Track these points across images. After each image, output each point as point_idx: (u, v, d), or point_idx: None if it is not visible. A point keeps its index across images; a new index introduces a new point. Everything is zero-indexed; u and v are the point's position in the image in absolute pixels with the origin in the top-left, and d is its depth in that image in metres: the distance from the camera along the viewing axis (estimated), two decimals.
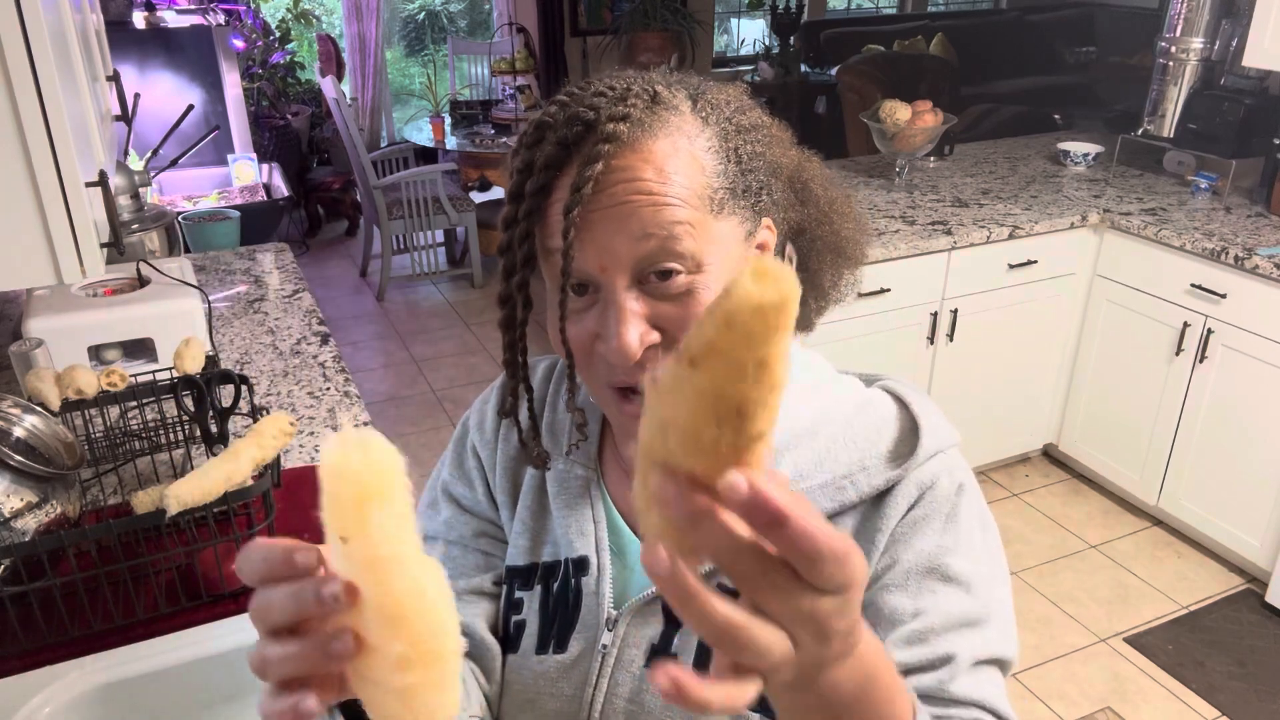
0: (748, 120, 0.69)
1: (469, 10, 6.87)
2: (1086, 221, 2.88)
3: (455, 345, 4.35)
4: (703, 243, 0.62)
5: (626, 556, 0.72)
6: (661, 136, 0.62)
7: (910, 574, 0.67)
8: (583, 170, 0.60)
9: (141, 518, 1.11)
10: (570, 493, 0.74)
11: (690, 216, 0.61)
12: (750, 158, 0.67)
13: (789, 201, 0.75)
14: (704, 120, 0.65)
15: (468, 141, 4.82)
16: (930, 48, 6.27)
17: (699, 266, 0.62)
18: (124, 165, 2.07)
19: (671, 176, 0.61)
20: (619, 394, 0.65)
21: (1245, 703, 2.34)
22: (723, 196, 0.64)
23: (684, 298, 0.62)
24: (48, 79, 0.94)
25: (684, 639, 0.67)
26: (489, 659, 0.76)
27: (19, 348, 1.46)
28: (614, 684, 0.67)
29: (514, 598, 0.74)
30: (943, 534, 0.68)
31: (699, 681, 0.37)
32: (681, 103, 0.66)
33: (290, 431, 1.24)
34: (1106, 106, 5.40)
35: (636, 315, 0.61)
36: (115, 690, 1.08)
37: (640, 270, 0.62)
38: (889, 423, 0.71)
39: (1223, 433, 2.68)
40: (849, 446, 0.69)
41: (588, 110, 0.62)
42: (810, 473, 0.69)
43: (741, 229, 0.66)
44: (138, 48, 3.90)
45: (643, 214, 0.60)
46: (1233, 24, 3.03)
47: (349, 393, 1.74)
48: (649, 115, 0.63)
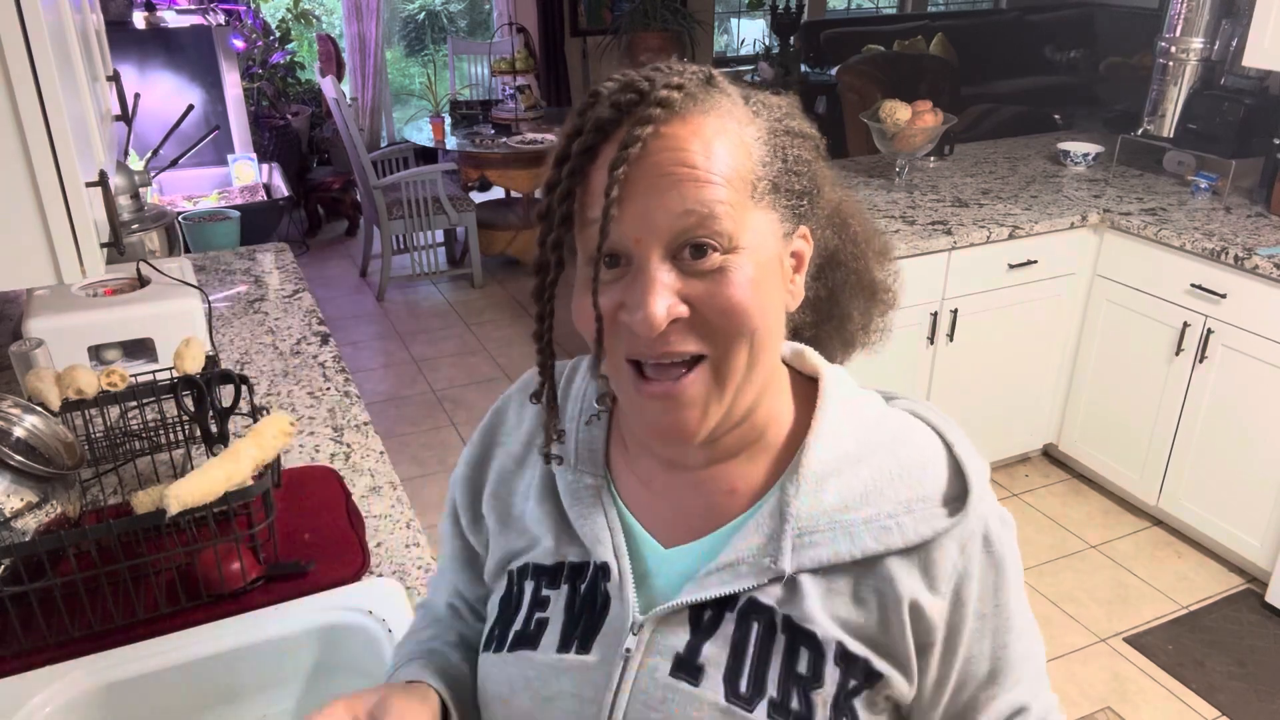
0: (797, 126, 0.69)
1: (469, 10, 6.87)
2: (1086, 221, 2.88)
3: (455, 345, 4.36)
4: (740, 225, 0.62)
5: (645, 562, 0.71)
6: (712, 114, 0.62)
7: (972, 642, 0.68)
8: (631, 131, 0.60)
9: (141, 518, 1.11)
10: (583, 502, 0.73)
11: (731, 198, 0.61)
12: (797, 160, 0.67)
13: (828, 224, 0.74)
14: (754, 113, 0.66)
15: (468, 141, 4.82)
16: (930, 48, 6.28)
17: (734, 247, 0.62)
18: (124, 165, 2.07)
19: (717, 154, 0.61)
20: (635, 369, 0.64)
21: (1245, 703, 2.34)
22: (765, 187, 0.64)
23: (715, 275, 0.61)
24: (48, 79, 0.94)
25: (712, 649, 0.66)
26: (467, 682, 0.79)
27: (19, 348, 1.46)
28: (636, 689, 0.66)
29: (540, 595, 0.73)
30: (998, 590, 0.68)
31: None
32: (735, 92, 0.66)
33: (290, 431, 1.24)
34: (1106, 106, 5.40)
35: (666, 287, 0.61)
36: (115, 690, 1.08)
37: (674, 245, 0.61)
38: (935, 460, 0.69)
39: (1223, 433, 2.68)
40: (897, 483, 0.67)
41: (643, 80, 0.62)
42: (855, 505, 0.66)
43: (780, 226, 0.66)
44: (138, 48, 3.90)
45: (684, 189, 0.60)
46: (1233, 24, 3.03)
47: (349, 393, 1.74)
48: (702, 91, 0.63)
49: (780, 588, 0.66)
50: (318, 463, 1.51)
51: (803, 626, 0.65)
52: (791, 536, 0.66)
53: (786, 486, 0.67)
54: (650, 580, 0.70)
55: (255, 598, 1.19)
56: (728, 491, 0.70)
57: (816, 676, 0.64)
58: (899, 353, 2.79)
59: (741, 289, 0.61)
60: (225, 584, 1.18)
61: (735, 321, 0.62)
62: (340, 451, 1.54)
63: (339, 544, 1.28)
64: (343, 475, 1.46)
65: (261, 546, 1.25)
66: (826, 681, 0.64)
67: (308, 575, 1.23)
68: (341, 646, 1.16)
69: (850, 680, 0.65)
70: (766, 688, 0.64)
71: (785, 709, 0.64)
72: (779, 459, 0.70)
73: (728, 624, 0.66)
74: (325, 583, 1.21)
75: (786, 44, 6.16)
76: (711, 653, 0.66)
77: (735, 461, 0.70)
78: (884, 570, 0.65)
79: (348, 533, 1.31)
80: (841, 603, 0.66)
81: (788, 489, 0.67)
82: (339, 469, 1.49)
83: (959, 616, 0.66)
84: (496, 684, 0.73)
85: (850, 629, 0.65)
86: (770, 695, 0.64)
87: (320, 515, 1.35)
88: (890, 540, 0.65)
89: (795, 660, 0.65)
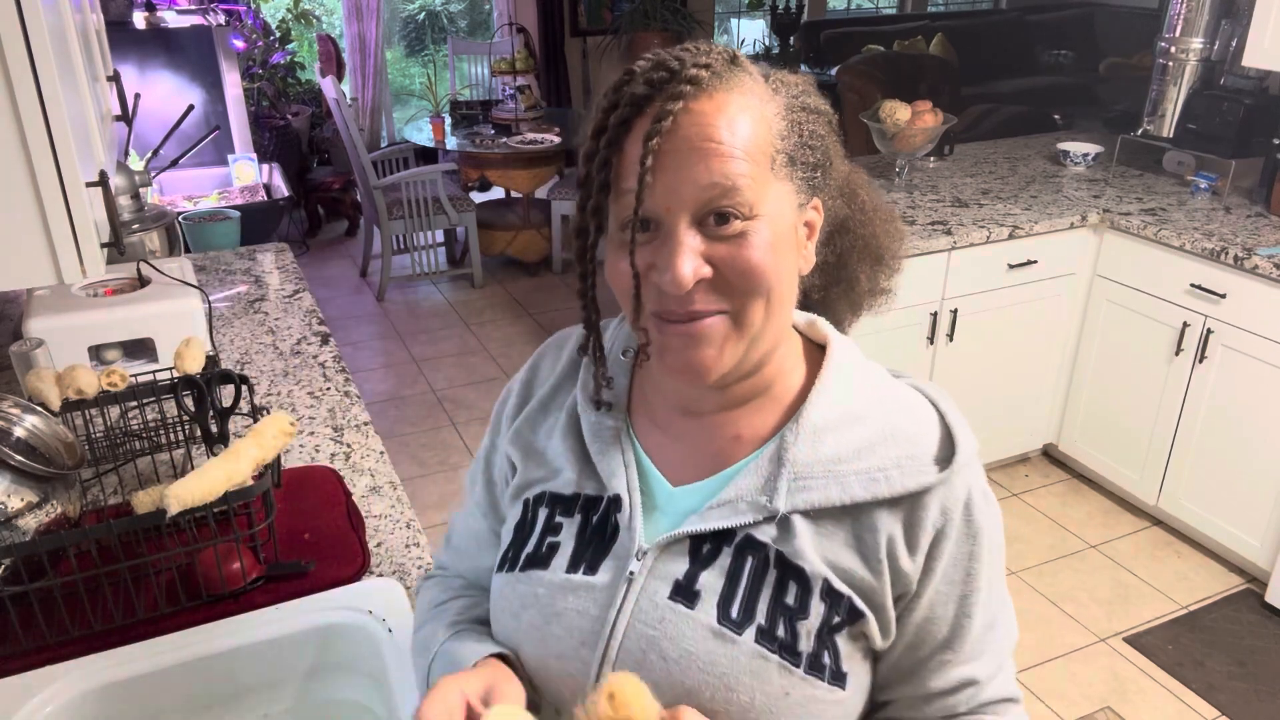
0: (813, 103, 0.74)
1: (469, 10, 6.88)
2: (1086, 221, 2.88)
3: (455, 345, 4.36)
4: (760, 195, 0.68)
5: (655, 497, 0.77)
6: (736, 91, 0.68)
7: (935, 603, 0.72)
8: (664, 105, 0.66)
9: (142, 518, 1.11)
10: (603, 440, 0.79)
11: (751, 170, 0.67)
12: (812, 135, 0.73)
13: (838, 194, 0.81)
14: (774, 90, 0.72)
15: (468, 141, 4.82)
16: (930, 48, 6.28)
17: (754, 215, 0.68)
18: (124, 165, 2.07)
19: (740, 130, 0.67)
20: (662, 322, 0.70)
21: (1245, 703, 2.34)
22: (783, 160, 0.70)
23: (736, 239, 0.68)
24: (48, 79, 0.94)
25: (708, 578, 0.71)
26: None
27: (19, 348, 1.46)
28: (638, 609, 0.72)
29: (553, 521, 0.79)
30: (971, 559, 0.73)
31: None
32: (756, 71, 0.72)
33: (291, 431, 1.24)
34: (1106, 106, 5.40)
35: (692, 250, 0.67)
36: (115, 690, 1.08)
37: (701, 212, 0.67)
38: (928, 425, 0.74)
39: (1222, 432, 2.68)
40: (889, 442, 0.72)
41: (673, 59, 0.68)
42: (849, 458, 0.72)
43: (795, 197, 0.72)
44: (138, 48, 3.90)
45: (710, 163, 0.66)
46: (1232, 24, 3.03)
47: (349, 393, 1.74)
48: (727, 70, 0.69)
49: (774, 526, 0.72)
50: (318, 463, 1.51)
51: (793, 562, 0.71)
52: (788, 480, 0.72)
53: (786, 435, 0.73)
54: (657, 514, 0.76)
55: (255, 598, 1.19)
56: (734, 437, 0.76)
57: (803, 609, 0.70)
58: (899, 352, 2.79)
59: (760, 251, 0.68)
60: (225, 584, 1.18)
61: (753, 281, 0.68)
62: (340, 451, 1.55)
63: (339, 544, 1.29)
64: (343, 475, 1.46)
65: (261, 546, 1.25)
66: (811, 614, 0.70)
67: (308, 575, 1.23)
68: (341, 646, 1.16)
69: (834, 615, 0.70)
70: (756, 615, 0.70)
71: (772, 636, 0.70)
72: (784, 412, 0.76)
73: (725, 556, 0.72)
74: (325, 583, 1.21)
75: (786, 44, 6.16)
76: (708, 581, 0.71)
77: (743, 410, 0.76)
78: (870, 519, 0.71)
79: (348, 533, 1.31)
80: (830, 545, 0.71)
81: (787, 437, 0.73)
82: (339, 469, 1.49)
83: (927, 573, 0.71)
84: (508, 600, 0.78)
85: (836, 570, 0.71)
86: (759, 622, 0.70)
87: (320, 515, 1.35)
88: (878, 490, 0.70)
89: (784, 593, 0.70)
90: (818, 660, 0.70)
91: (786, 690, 0.69)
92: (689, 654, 0.70)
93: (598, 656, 0.72)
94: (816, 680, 0.70)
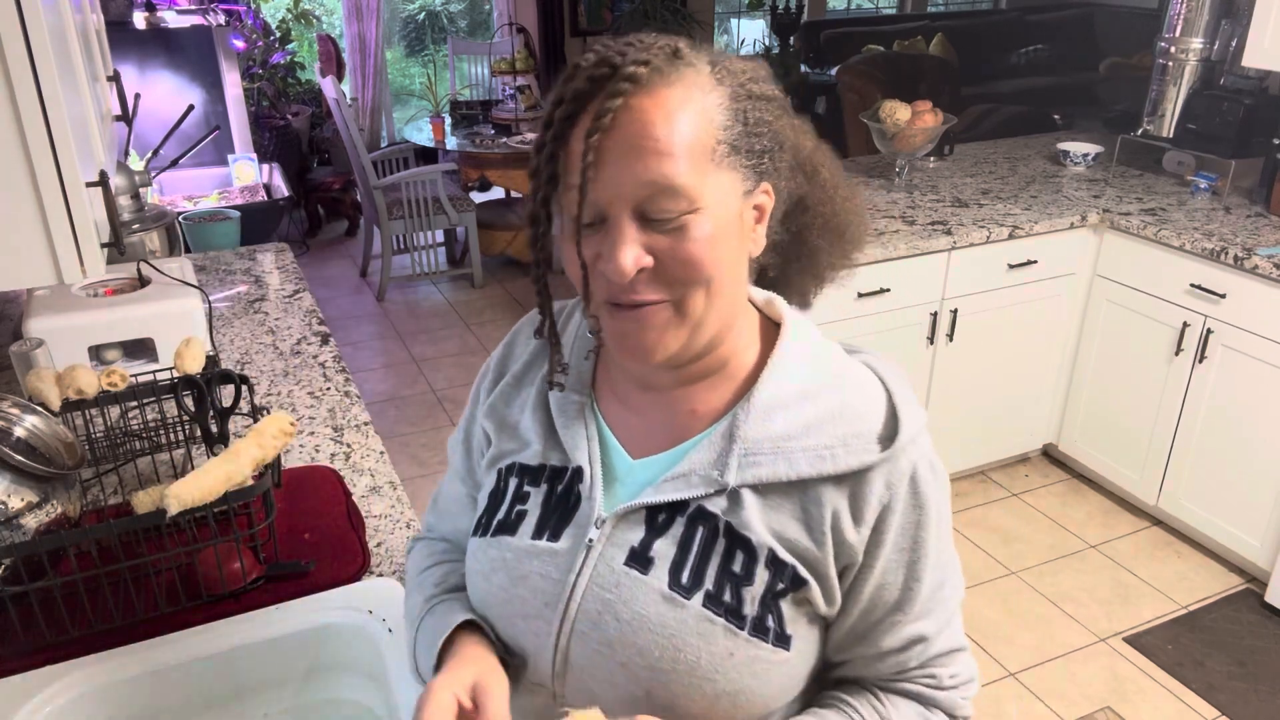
0: (760, 90, 0.75)
1: (469, 10, 6.88)
2: (1086, 221, 2.88)
3: (455, 345, 4.36)
4: (699, 189, 0.69)
5: (615, 469, 0.81)
6: (677, 86, 0.69)
7: (887, 570, 0.76)
8: (604, 102, 0.68)
9: (142, 518, 1.11)
10: (568, 415, 0.84)
11: (689, 166, 0.69)
12: (757, 123, 0.74)
13: (795, 174, 0.81)
14: (718, 80, 0.72)
15: (468, 141, 4.82)
16: (930, 48, 6.28)
17: (694, 208, 0.70)
18: (124, 165, 2.07)
19: (678, 125, 0.69)
20: (612, 307, 0.74)
21: (1245, 703, 2.34)
22: (724, 150, 0.71)
23: (677, 232, 0.70)
24: (48, 79, 0.94)
25: (662, 546, 0.76)
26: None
27: (19, 348, 1.46)
28: (595, 574, 0.77)
29: (521, 491, 0.84)
30: (918, 528, 0.76)
31: None
32: (700, 62, 0.72)
33: (291, 431, 1.24)
34: (1106, 106, 5.40)
35: (633, 241, 0.70)
36: (115, 690, 1.08)
37: (640, 206, 0.70)
38: (875, 404, 0.77)
39: (1222, 432, 2.68)
40: (837, 420, 0.76)
41: (616, 55, 0.70)
42: (797, 435, 0.75)
43: (741, 185, 0.73)
44: (138, 48, 3.90)
45: (648, 161, 0.68)
46: (1232, 24, 3.03)
47: (349, 393, 1.74)
48: (668, 65, 0.70)
49: (725, 499, 0.76)
50: (318, 463, 1.51)
51: (740, 533, 0.75)
52: (739, 455, 0.75)
53: (738, 413, 0.77)
54: (617, 485, 0.81)
55: (255, 598, 1.19)
56: (689, 412, 0.80)
57: (748, 576, 0.74)
58: (899, 353, 2.79)
59: (699, 244, 0.70)
60: (225, 584, 1.18)
61: (693, 272, 0.71)
62: (340, 451, 1.55)
63: (339, 544, 1.29)
64: (343, 475, 1.46)
65: (261, 546, 1.25)
66: (756, 581, 0.74)
67: (308, 575, 1.23)
68: (341, 646, 1.16)
69: (778, 583, 0.75)
70: (704, 581, 0.75)
71: (719, 600, 0.74)
72: (738, 389, 0.80)
73: (678, 526, 0.76)
74: (325, 583, 1.22)
75: (786, 44, 6.16)
76: (661, 549, 0.76)
77: (698, 387, 0.80)
78: (815, 494, 0.75)
79: (348, 533, 1.31)
80: (776, 518, 0.75)
81: (739, 415, 0.77)
82: (339, 469, 1.49)
83: (876, 544, 0.75)
84: (480, 563, 0.84)
85: (782, 541, 0.75)
86: (707, 588, 0.74)
87: (320, 515, 1.35)
88: (823, 467, 0.74)
89: (731, 561, 0.75)
90: (761, 624, 0.74)
91: (731, 651, 0.73)
92: (641, 616, 0.75)
93: (558, 616, 0.78)
94: (760, 642, 0.74)
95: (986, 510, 3.10)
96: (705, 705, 0.74)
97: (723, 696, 0.74)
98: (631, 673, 0.75)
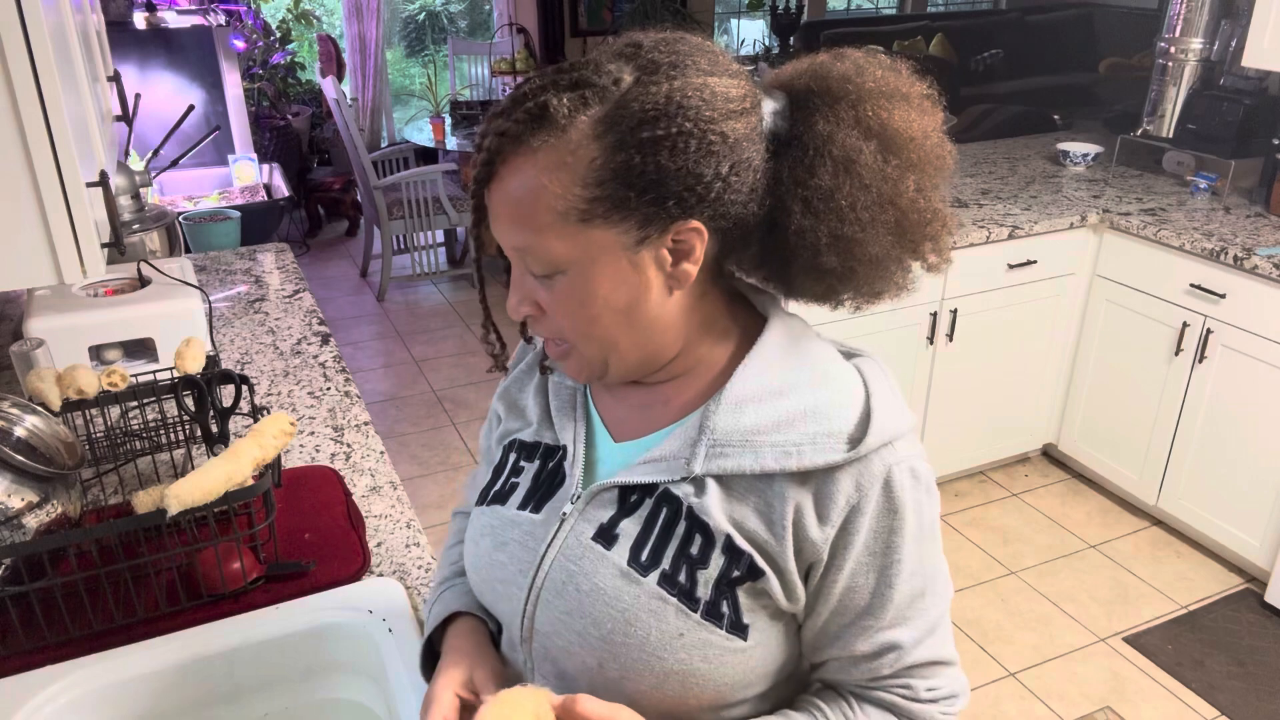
0: (677, 124, 0.68)
1: (469, 10, 6.88)
2: (1086, 221, 2.88)
3: (455, 345, 4.36)
4: (561, 251, 0.72)
5: (598, 450, 0.86)
6: (524, 157, 0.70)
7: (856, 573, 0.76)
8: (476, 172, 0.73)
9: (142, 518, 1.11)
10: (561, 398, 0.89)
11: (538, 235, 0.71)
12: (670, 158, 0.68)
13: (760, 196, 0.74)
14: (609, 126, 0.68)
15: (468, 142, 4.82)
16: (930, 48, 6.27)
17: (558, 270, 0.73)
18: (125, 165, 2.07)
19: (525, 201, 0.71)
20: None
21: (1245, 703, 2.34)
22: (599, 209, 0.70)
23: (552, 290, 0.75)
24: (48, 79, 0.94)
25: (628, 525, 0.79)
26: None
27: (20, 348, 1.46)
28: (564, 546, 0.81)
29: (518, 465, 0.90)
30: (891, 534, 0.75)
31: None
32: (585, 109, 0.69)
33: (291, 431, 1.24)
34: (1106, 106, 5.40)
35: (521, 287, 0.77)
36: (115, 690, 1.08)
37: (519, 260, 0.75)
38: (851, 405, 0.77)
39: (1222, 433, 2.68)
40: (809, 418, 0.75)
41: (501, 112, 0.71)
42: (767, 430, 0.76)
43: (629, 236, 0.71)
44: (138, 48, 3.90)
45: (502, 226, 0.73)
46: (1232, 24, 3.03)
47: (349, 393, 1.74)
48: (526, 130, 0.69)
49: (691, 485, 0.77)
50: (318, 463, 1.51)
51: (700, 518, 0.76)
52: (707, 446, 0.77)
53: (710, 405, 0.78)
54: (598, 466, 0.85)
55: (255, 598, 1.19)
56: (665, 403, 0.83)
57: (704, 560, 0.76)
58: (899, 353, 2.79)
59: (568, 304, 0.74)
60: (225, 584, 1.18)
61: (570, 327, 0.76)
62: (340, 451, 1.55)
63: (339, 544, 1.29)
64: (343, 475, 1.46)
65: (262, 546, 1.25)
66: (711, 565, 0.76)
67: (308, 575, 1.23)
68: (342, 646, 1.16)
69: (733, 570, 0.76)
70: (661, 561, 0.77)
71: (673, 581, 0.76)
72: (714, 383, 0.81)
73: (645, 507, 0.79)
74: (325, 583, 1.22)
75: (786, 44, 6.16)
76: (627, 527, 0.79)
77: (674, 383, 0.83)
78: (779, 488, 0.75)
79: (348, 533, 1.31)
80: (739, 509, 0.76)
81: (710, 407, 0.78)
82: (339, 469, 1.49)
83: (844, 545, 0.75)
84: (474, 528, 0.90)
85: (741, 529, 0.76)
86: (663, 568, 0.77)
87: (320, 515, 1.35)
88: (788, 463, 0.74)
89: (690, 544, 0.77)
90: (715, 608, 0.76)
91: (681, 631, 0.75)
92: (599, 589, 0.78)
93: (528, 583, 0.82)
94: (713, 626, 0.75)
95: (986, 510, 3.10)
96: (654, 682, 0.76)
97: (671, 676, 0.76)
98: (587, 643, 0.78)
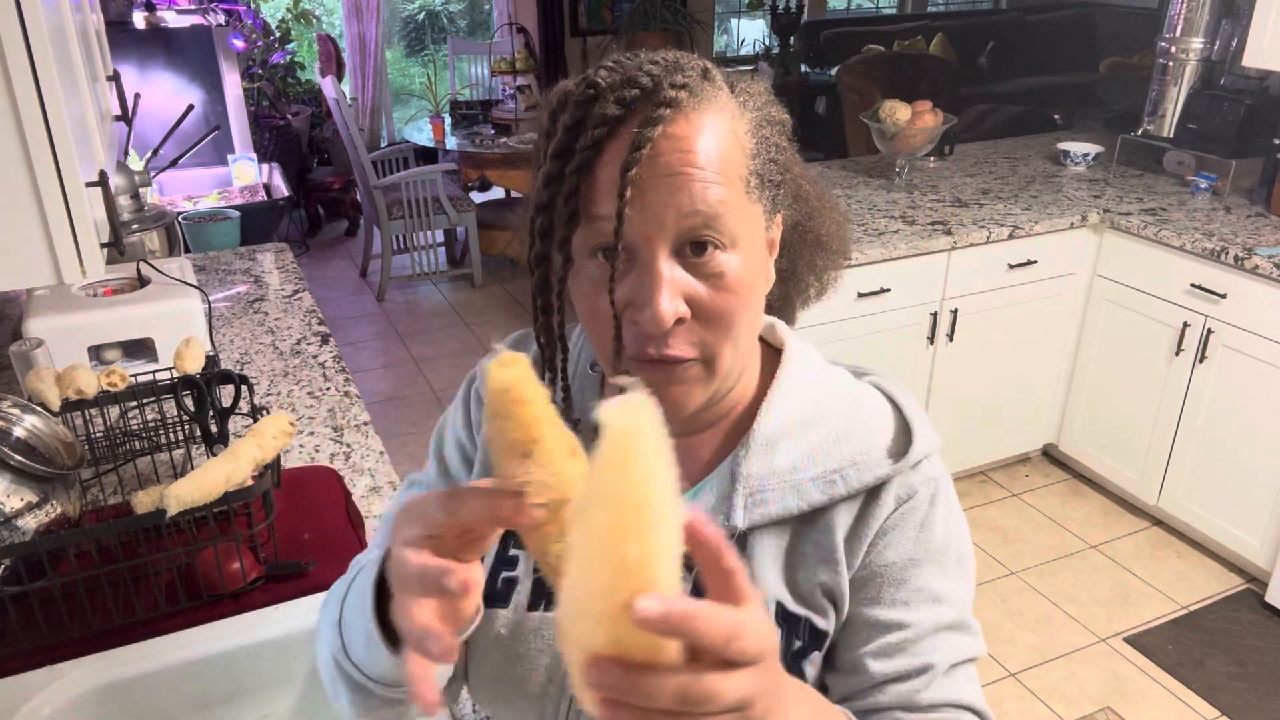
0: (776, 114, 0.71)
1: (469, 10, 6.88)
2: (1086, 221, 2.88)
3: (455, 345, 4.36)
4: (739, 222, 0.64)
5: None
6: (712, 110, 0.64)
7: (884, 586, 0.71)
8: (642, 130, 0.61)
9: (141, 518, 1.11)
10: None
11: (731, 196, 0.64)
12: (777, 150, 0.70)
13: (796, 201, 0.77)
14: (743, 105, 0.68)
15: (468, 141, 4.82)
16: (930, 48, 6.28)
17: (734, 245, 0.64)
18: (124, 165, 2.07)
19: (719, 152, 0.63)
20: (638, 362, 0.65)
21: (1245, 703, 2.34)
22: (755, 182, 0.67)
23: (715, 279, 0.64)
24: (48, 79, 0.94)
25: None
26: None
27: (19, 348, 1.46)
28: None
29: (508, 554, 0.76)
30: (916, 544, 0.71)
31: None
32: (725, 84, 0.68)
33: (290, 431, 1.24)
34: (1106, 106, 5.40)
35: (673, 285, 0.63)
36: (115, 690, 1.08)
37: (680, 241, 0.63)
38: (883, 421, 0.74)
39: (1222, 433, 2.68)
40: (842, 443, 0.72)
41: (644, 75, 0.63)
42: (803, 465, 0.71)
43: (763, 219, 0.69)
44: (138, 48, 3.90)
45: (693, 188, 0.62)
46: (1233, 24, 3.03)
47: (349, 393, 1.74)
48: (702, 88, 0.64)
49: (733, 545, 0.69)
50: (318, 463, 1.51)
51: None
52: (744, 495, 0.70)
53: (739, 452, 0.72)
54: None
55: (255, 598, 1.19)
56: (693, 460, 0.74)
57: None
58: (899, 353, 2.79)
59: (736, 294, 0.65)
60: (225, 584, 1.18)
61: (728, 324, 0.65)
62: (340, 451, 1.55)
63: (339, 544, 1.29)
64: (343, 475, 1.46)
65: (261, 546, 1.25)
66: None
67: (308, 575, 1.23)
68: None
69: (794, 641, 0.70)
70: None
71: None
72: (737, 424, 0.75)
73: (685, 581, 0.69)
74: (325, 583, 1.21)
75: (786, 44, 6.16)
76: None
77: (698, 436, 0.75)
78: (827, 520, 0.71)
79: (348, 533, 1.31)
80: (791, 559, 0.71)
81: (740, 453, 0.72)
82: (339, 469, 1.49)
83: (870, 561, 0.71)
84: (472, 643, 0.76)
85: (793, 589, 0.70)
86: None
87: (320, 515, 1.35)
88: (835, 491, 0.70)
89: None
90: None
91: None
92: None
93: (566, 694, 0.72)
94: None
95: (986, 510, 3.10)
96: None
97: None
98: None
